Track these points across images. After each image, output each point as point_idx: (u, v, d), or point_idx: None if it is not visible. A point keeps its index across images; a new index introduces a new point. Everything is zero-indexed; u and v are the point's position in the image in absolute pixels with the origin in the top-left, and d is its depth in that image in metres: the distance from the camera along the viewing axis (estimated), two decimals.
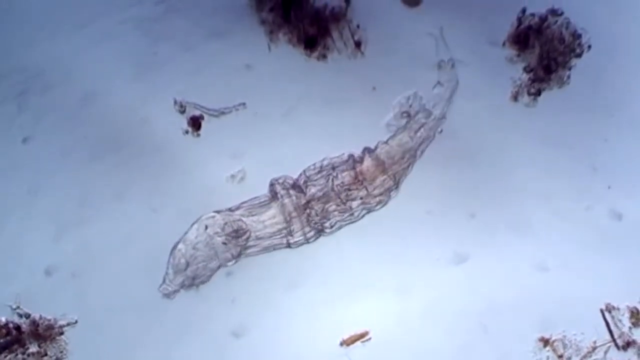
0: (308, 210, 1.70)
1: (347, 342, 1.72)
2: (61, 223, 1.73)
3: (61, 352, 1.68)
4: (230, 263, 1.71)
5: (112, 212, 1.75)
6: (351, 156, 1.73)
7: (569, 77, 1.78)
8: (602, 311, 1.71)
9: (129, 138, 1.76)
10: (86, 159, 1.76)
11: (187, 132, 1.75)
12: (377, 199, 1.72)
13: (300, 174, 1.73)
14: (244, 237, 1.69)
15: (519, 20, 1.77)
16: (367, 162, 1.72)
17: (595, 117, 1.78)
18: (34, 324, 1.67)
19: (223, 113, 1.76)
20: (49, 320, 1.68)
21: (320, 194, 1.69)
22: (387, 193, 1.73)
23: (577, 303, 1.71)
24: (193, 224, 1.69)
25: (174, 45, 1.79)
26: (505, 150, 1.78)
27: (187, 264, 1.68)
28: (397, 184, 1.73)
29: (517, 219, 1.76)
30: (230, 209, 1.71)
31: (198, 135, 1.76)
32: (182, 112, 1.75)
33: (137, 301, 1.72)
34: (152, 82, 1.77)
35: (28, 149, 1.76)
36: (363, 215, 1.74)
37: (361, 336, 1.72)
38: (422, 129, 1.74)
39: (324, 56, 1.77)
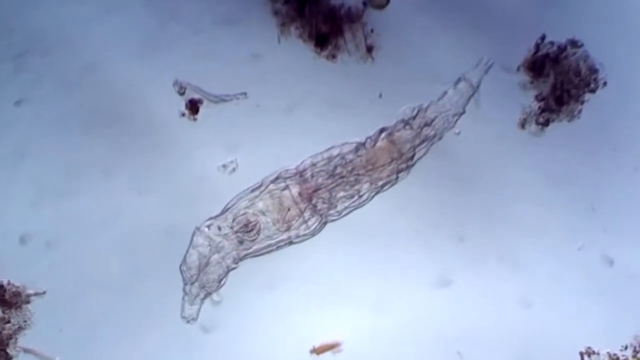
0: (314, 200, 1.65)
1: (318, 351, 1.68)
2: (43, 191, 1.70)
3: (25, 321, 1.64)
4: (234, 266, 1.67)
5: (96, 188, 1.71)
6: (361, 144, 1.69)
7: (580, 111, 1.73)
8: (581, 354, 1.67)
9: (124, 114, 1.72)
10: (78, 129, 1.72)
11: (183, 114, 1.71)
12: (386, 179, 1.67)
13: (304, 162, 1.68)
14: (255, 230, 1.64)
15: (537, 47, 1.72)
16: (380, 143, 1.67)
17: (601, 157, 1.73)
18: (1, 288, 1.63)
19: (223, 100, 1.72)
20: (17, 287, 1.64)
21: (328, 182, 1.64)
22: (396, 174, 1.68)
23: (557, 343, 1.68)
24: (193, 234, 1.66)
25: (183, 26, 1.74)
26: (504, 178, 1.74)
27: (198, 275, 1.64)
28: (407, 166, 1.69)
29: (506, 249, 1.72)
30: (224, 210, 1.66)
31: (194, 119, 1.72)
32: (182, 93, 1.71)
33: (108, 281, 1.68)
34: (156, 60, 1.73)
35: (20, 111, 1.72)
36: (372, 197, 1.69)
37: (332, 346, 1.69)
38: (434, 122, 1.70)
39: (334, 56, 1.73)
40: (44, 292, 1.66)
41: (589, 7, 1.74)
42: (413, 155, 1.71)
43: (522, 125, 1.74)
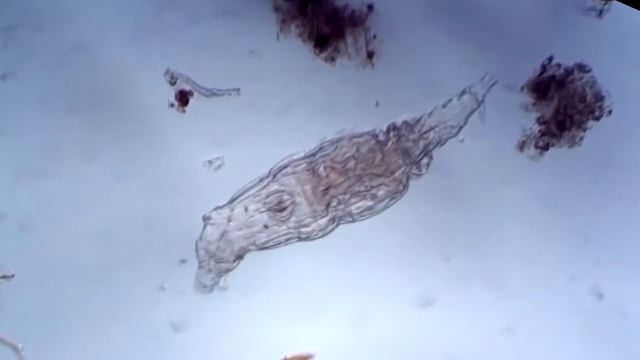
0: (327, 198, 1.60)
1: None
2: (21, 170, 1.64)
3: None
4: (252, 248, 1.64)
5: (76, 171, 1.65)
6: (374, 135, 1.64)
7: (581, 138, 1.68)
8: None
9: (111, 98, 1.66)
10: (63, 109, 1.66)
11: (172, 105, 1.66)
12: (399, 185, 1.63)
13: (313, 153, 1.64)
14: (287, 211, 1.60)
15: (543, 68, 1.67)
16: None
17: (599, 188, 1.68)
18: None
19: (214, 94, 1.66)
20: None
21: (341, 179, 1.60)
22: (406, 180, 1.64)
23: None
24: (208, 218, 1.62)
25: (180, 15, 1.69)
26: (498, 200, 1.68)
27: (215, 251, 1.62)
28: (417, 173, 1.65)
29: (494, 274, 1.67)
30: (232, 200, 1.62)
31: (183, 111, 1.66)
32: (173, 83, 1.65)
33: (80, 269, 1.63)
34: (149, 47, 1.67)
35: (5, 86, 1.66)
36: (389, 206, 1.65)
37: (305, 358, 1.63)
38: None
39: (333, 59, 1.67)
40: (13, 275, 1.61)
41: (602, 33, 1.69)
42: (419, 160, 1.65)
43: (521, 147, 1.69)
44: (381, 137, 1.63)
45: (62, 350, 1.62)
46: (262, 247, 1.65)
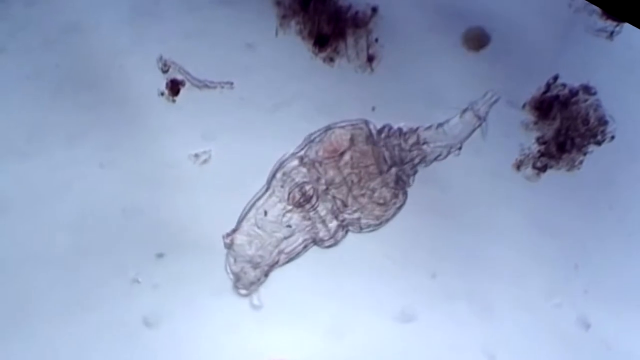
0: (329, 197, 1.55)
1: None
2: (1, 149, 1.58)
3: None
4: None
5: (58, 154, 1.60)
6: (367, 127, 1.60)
7: (581, 162, 1.63)
8: None
9: (101, 81, 1.61)
10: (50, 89, 1.62)
11: (162, 94, 1.61)
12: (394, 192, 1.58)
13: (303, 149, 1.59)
14: (311, 203, 1.56)
15: (548, 86, 1.62)
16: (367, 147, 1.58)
17: (594, 215, 1.63)
18: None
19: (207, 86, 1.61)
20: None
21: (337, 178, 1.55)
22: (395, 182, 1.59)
23: None
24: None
25: (178, 1, 1.63)
26: (490, 218, 1.63)
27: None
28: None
29: (479, 295, 1.62)
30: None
31: (173, 101, 1.61)
32: (165, 71, 1.60)
33: (53, 256, 1.58)
34: (144, 32, 1.62)
35: None
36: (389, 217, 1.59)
37: None
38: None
39: (331, 59, 1.62)
40: None
41: (611, 55, 1.64)
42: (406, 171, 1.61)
43: (518, 166, 1.64)
44: (373, 131, 1.58)
45: (27, 337, 1.57)
46: (288, 258, 1.60)
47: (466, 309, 1.61)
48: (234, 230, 1.58)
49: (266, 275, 1.60)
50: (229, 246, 1.58)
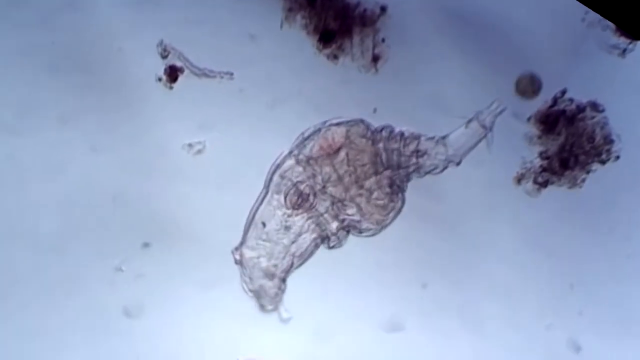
0: (327, 195, 1.53)
1: None
2: None
3: None
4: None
5: (49, 134, 1.56)
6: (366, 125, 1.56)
7: (583, 180, 1.59)
8: None
9: (97, 63, 1.57)
10: (45, 67, 1.57)
11: (160, 79, 1.57)
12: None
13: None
14: (310, 201, 1.53)
15: (555, 100, 1.58)
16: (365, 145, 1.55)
17: (593, 235, 1.59)
18: None
19: (206, 75, 1.57)
20: None
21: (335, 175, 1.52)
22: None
23: None
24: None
25: None
26: (487, 232, 1.60)
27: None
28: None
29: (470, 308, 1.58)
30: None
31: (171, 87, 1.57)
32: (164, 57, 1.56)
33: (37, 236, 1.54)
34: (146, 14, 1.58)
35: None
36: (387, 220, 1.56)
37: None
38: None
39: (336, 57, 1.58)
40: None
41: (622, 73, 1.60)
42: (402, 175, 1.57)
43: (519, 180, 1.60)
44: (371, 129, 1.54)
45: (5, 316, 1.52)
46: (301, 260, 1.57)
47: (456, 322, 1.58)
48: (241, 244, 1.54)
49: (284, 281, 1.56)
50: (239, 262, 1.54)
